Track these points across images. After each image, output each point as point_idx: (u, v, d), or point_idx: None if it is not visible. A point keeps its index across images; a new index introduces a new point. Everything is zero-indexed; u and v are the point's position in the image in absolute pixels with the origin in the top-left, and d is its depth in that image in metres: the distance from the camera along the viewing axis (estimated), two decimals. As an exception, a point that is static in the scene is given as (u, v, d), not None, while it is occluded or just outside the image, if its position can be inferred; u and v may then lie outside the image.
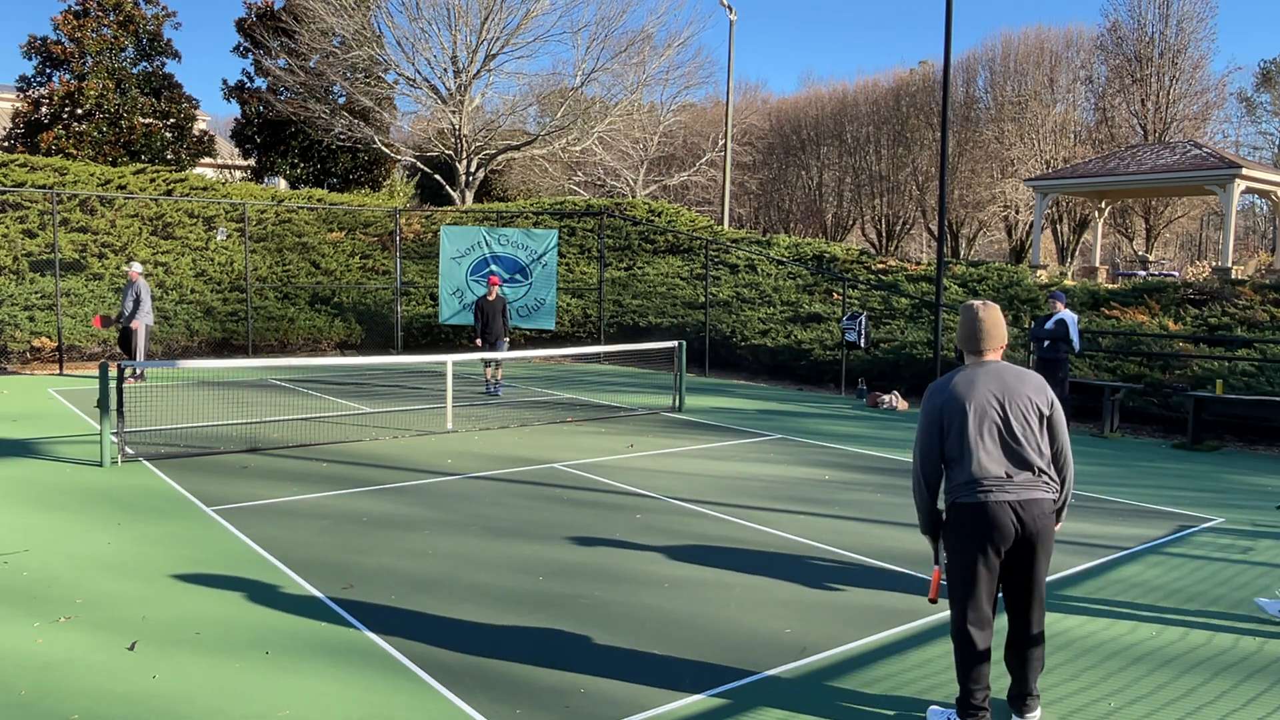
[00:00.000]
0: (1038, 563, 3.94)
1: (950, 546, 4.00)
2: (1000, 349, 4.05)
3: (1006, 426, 3.90)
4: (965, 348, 4.08)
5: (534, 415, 12.50)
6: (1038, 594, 4.00)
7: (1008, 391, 3.93)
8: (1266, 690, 4.52)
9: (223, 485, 8.21)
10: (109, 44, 30.00)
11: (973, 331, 4.04)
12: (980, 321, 4.03)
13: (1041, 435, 3.95)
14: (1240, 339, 13.47)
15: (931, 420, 4.00)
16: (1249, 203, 44.71)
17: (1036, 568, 3.95)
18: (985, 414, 3.91)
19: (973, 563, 3.91)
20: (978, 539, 3.88)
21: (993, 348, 4.03)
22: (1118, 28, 36.05)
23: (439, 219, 24.12)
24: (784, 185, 45.74)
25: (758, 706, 4.23)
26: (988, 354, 4.04)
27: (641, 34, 31.86)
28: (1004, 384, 3.94)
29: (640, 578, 5.94)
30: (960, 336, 4.08)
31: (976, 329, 4.03)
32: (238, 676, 4.43)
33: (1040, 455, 3.92)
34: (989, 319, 4.03)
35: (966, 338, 4.06)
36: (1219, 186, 21.87)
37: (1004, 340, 4.05)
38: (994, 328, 4.02)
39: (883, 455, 10.29)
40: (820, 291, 19.56)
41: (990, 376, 3.96)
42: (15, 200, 19.34)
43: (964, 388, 3.95)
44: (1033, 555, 3.92)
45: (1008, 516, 3.85)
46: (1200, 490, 8.97)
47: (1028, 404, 3.92)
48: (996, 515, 3.85)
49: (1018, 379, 3.96)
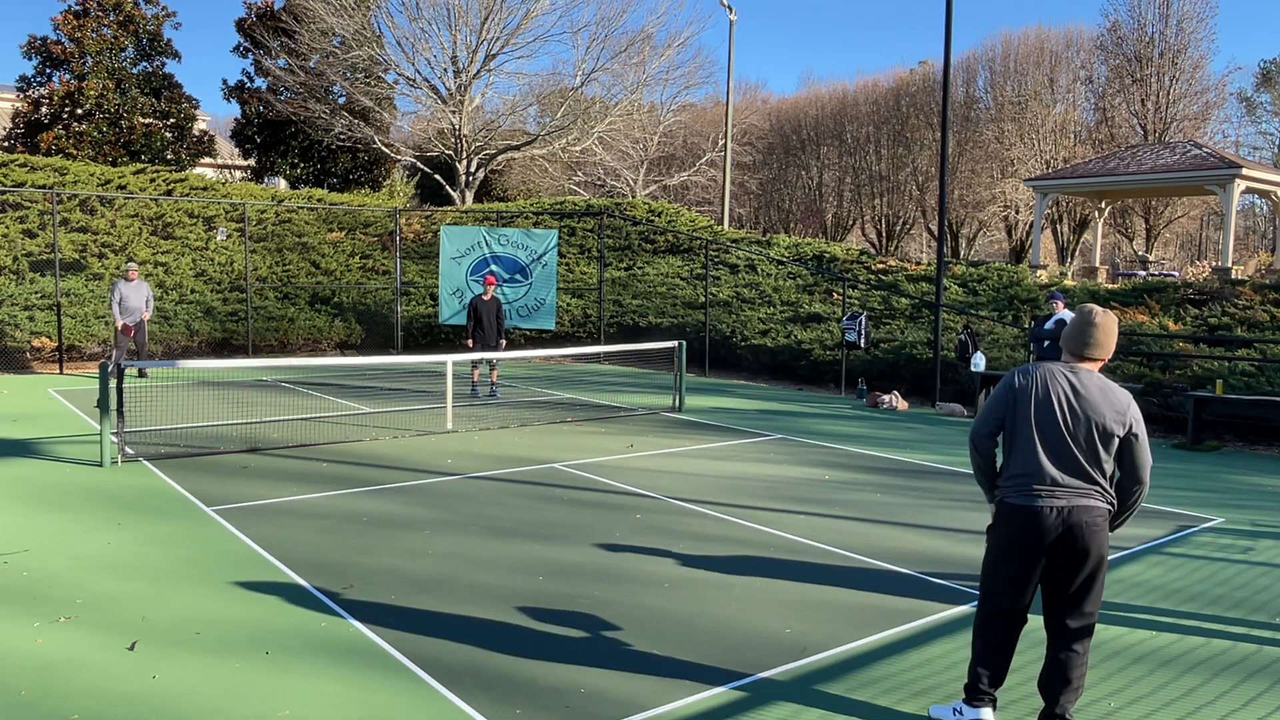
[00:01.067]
0: (1078, 576, 3.81)
1: (989, 531, 4.03)
2: (1101, 362, 3.94)
3: (1073, 436, 3.80)
4: (1068, 347, 3.95)
5: (534, 415, 12.50)
6: (1078, 611, 3.86)
7: (1090, 401, 3.81)
8: (1266, 690, 4.52)
9: (223, 485, 8.21)
10: (109, 44, 30.00)
11: (1083, 335, 3.91)
12: (1094, 328, 3.90)
13: (1108, 454, 3.81)
14: (1240, 339, 13.47)
15: (1003, 395, 3.96)
16: (1249, 203, 44.72)
17: (1076, 581, 3.82)
18: (1055, 414, 3.83)
19: (1004, 559, 3.90)
20: (1015, 537, 3.86)
21: (1096, 356, 3.91)
22: (1118, 28, 36.08)
23: (439, 219, 24.12)
24: (784, 185, 45.75)
25: (758, 706, 4.23)
26: (1086, 362, 3.93)
27: (641, 34, 31.89)
28: (1088, 393, 3.82)
29: (640, 578, 5.94)
30: (1067, 334, 3.94)
31: (1088, 334, 3.90)
32: (238, 676, 4.43)
33: (1099, 471, 3.81)
34: (1104, 327, 3.89)
35: (1073, 338, 3.92)
36: (1219, 186, 21.88)
37: (1109, 354, 3.94)
38: (1105, 338, 3.89)
39: (883, 455, 10.29)
40: (820, 291, 19.55)
41: (1078, 380, 3.86)
42: (15, 200, 19.35)
43: (1049, 381, 3.87)
44: (1076, 567, 3.80)
45: (1051, 522, 3.78)
46: (1200, 490, 8.97)
47: (1104, 421, 3.79)
48: (1040, 518, 3.79)
49: (1101, 392, 3.82)
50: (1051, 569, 3.87)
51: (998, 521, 3.97)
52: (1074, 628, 3.87)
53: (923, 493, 8.51)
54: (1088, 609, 3.86)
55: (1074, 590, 3.84)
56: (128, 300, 15.21)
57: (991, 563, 3.97)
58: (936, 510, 7.86)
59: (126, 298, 15.21)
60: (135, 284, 15.36)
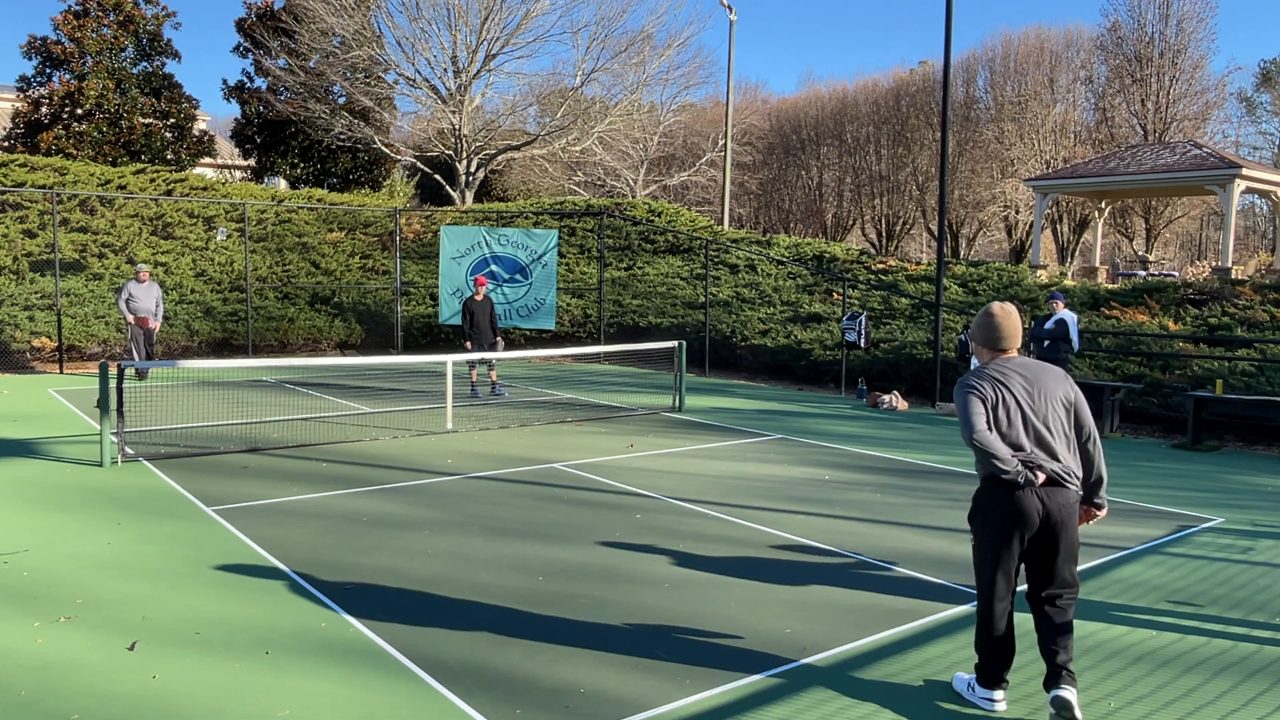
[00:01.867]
0: (1059, 552, 4.13)
1: (978, 523, 4.25)
2: (1016, 347, 4.32)
3: (1038, 415, 4.13)
4: (987, 345, 4.31)
5: (534, 415, 12.50)
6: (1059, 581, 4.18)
7: (1036, 382, 4.18)
8: (1266, 690, 4.52)
9: (223, 485, 8.21)
10: (109, 44, 30.00)
11: (992, 331, 4.30)
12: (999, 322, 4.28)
13: (1069, 424, 4.20)
14: (1240, 339, 13.47)
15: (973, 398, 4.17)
16: (1249, 203, 44.72)
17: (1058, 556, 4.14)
18: (1019, 401, 4.14)
19: (998, 541, 4.16)
20: (1005, 517, 4.11)
21: (1013, 345, 4.30)
22: (1118, 28, 36.08)
23: (439, 219, 24.12)
24: (784, 185, 45.74)
25: (758, 706, 4.23)
26: (1007, 352, 4.30)
27: (641, 34, 31.86)
28: (1032, 375, 4.20)
29: (640, 578, 5.94)
30: (982, 335, 4.31)
31: (995, 328, 4.29)
32: (238, 676, 4.43)
33: (1068, 445, 4.16)
34: (1007, 316, 4.29)
35: (986, 337, 4.30)
36: (1219, 186, 21.88)
37: (1019, 338, 4.32)
38: (1012, 325, 4.29)
39: (883, 455, 10.29)
40: (820, 291, 19.56)
41: (1018, 367, 4.22)
42: (15, 200, 19.35)
43: (998, 376, 4.20)
44: (1055, 544, 4.12)
45: (1033, 504, 4.06)
46: (1200, 490, 8.97)
47: (1054, 393, 4.18)
48: (1024, 500, 4.07)
49: (1042, 370, 4.23)
50: (1031, 549, 4.19)
51: (984, 503, 4.20)
52: (1060, 599, 4.21)
53: (922, 493, 8.51)
54: (1068, 577, 4.20)
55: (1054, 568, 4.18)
56: (136, 301, 15.06)
57: (985, 545, 4.23)
58: (936, 510, 7.86)
59: (135, 298, 15.04)
60: (146, 286, 15.19)
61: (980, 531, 4.24)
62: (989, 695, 4.26)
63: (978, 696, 4.29)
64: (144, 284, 15.20)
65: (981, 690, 4.28)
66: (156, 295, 15.37)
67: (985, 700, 4.26)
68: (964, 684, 4.38)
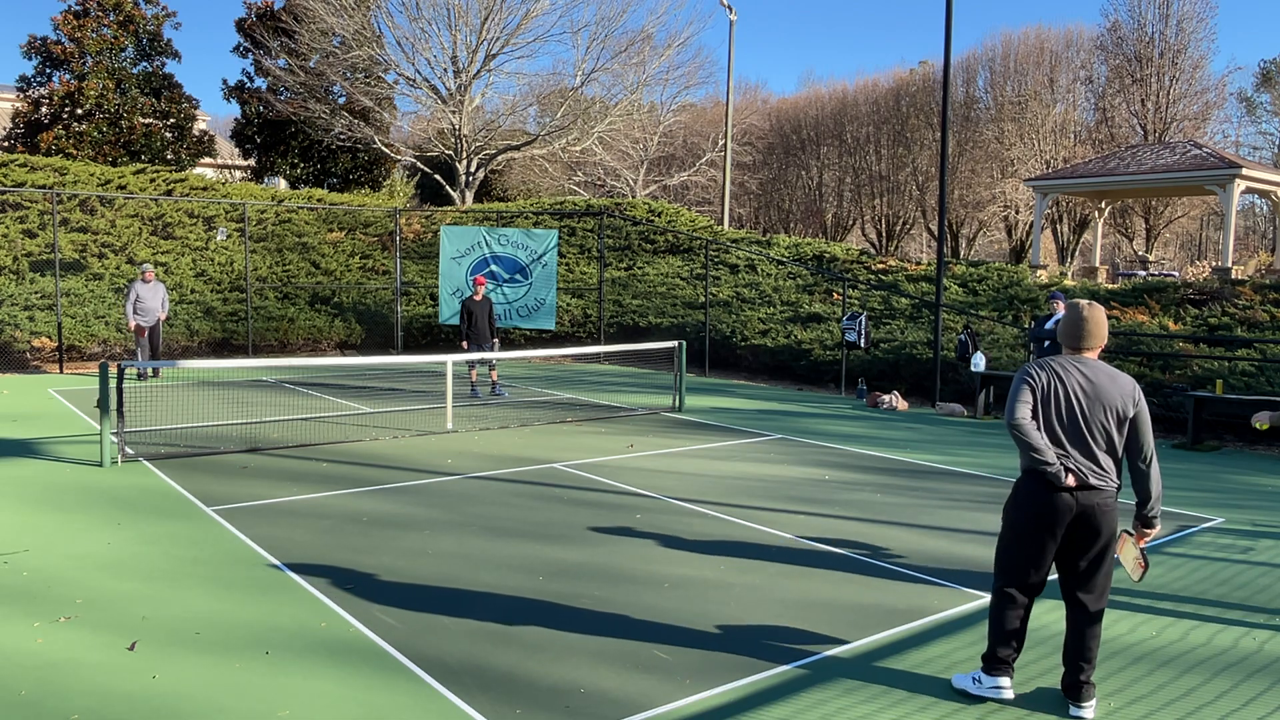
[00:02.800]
0: (1092, 550, 4.16)
1: (1008, 511, 4.29)
2: (1098, 349, 4.27)
3: (1083, 416, 4.12)
4: (1066, 343, 4.29)
5: (534, 415, 12.50)
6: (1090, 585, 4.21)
7: (1095, 384, 4.15)
8: (1266, 690, 4.52)
9: (223, 485, 8.21)
10: (109, 44, 29.99)
11: (1076, 329, 4.25)
12: (1085, 321, 4.24)
13: (1119, 435, 4.15)
14: (1240, 339, 13.47)
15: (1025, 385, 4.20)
16: (1249, 203, 44.71)
17: (1090, 554, 4.17)
18: (1070, 396, 4.13)
19: (1024, 533, 4.20)
20: (1036, 512, 4.15)
21: (1092, 346, 4.25)
22: (1118, 28, 36.08)
23: (439, 219, 24.12)
24: (784, 185, 45.73)
25: (758, 706, 4.23)
26: (1085, 351, 4.26)
27: (641, 34, 31.86)
28: (1094, 376, 4.17)
29: (640, 578, 5.94)
30: (1063, 331, 4.29)
31: (1081, 328, 4.24)
32: (238, 676, 4.43)
33: (1112, 456, 4.14)
34: (1093, 319, 4.23)
35: (1068, 333, 4.26)
36: (1219, 186, 21.88)
37: (1103, 342, 4.26)
38: (1097, 327, 4.23)
39: (883, 455, 10.29)
40: (820, 291, 19.56)
41: (1084, 366, 4.20)
42: (15, 200, 19.35)
43: (1057, 368, 4.19)
44: (1090, 542, 4.15)
45: (1066, 505, 4.10)
46: (1200, 490, 8.97)
47: (1110, 401, 4.13)
48: (1058, 501, 4.10)
49: (1109, 377, 4.18)
50: (1065, 545, 4.21)
51: (1018, 493, 4.23)
52: (1085, 600, 4.22)
53: (922, 493, 8.51)
54: (1099, 584, 4.22)
55: (1085, 568, 4.20)
56: (144, 301, 15.21)
57: (1012, 535, 4.26)
58: (936, 510, 7.86)
59: (142, 299, 15.21)
60: (152, 285, 15.36)
61: (1007, 521, 4.30)
62: (996, 683, 4.30)
63: (985, 687, 4.32)
64: (150, 284, 15.33)
65: (988, 679, 4.31)
66: (162, 294, 15.55)
67: (993, 689, 4.30)
68: (967, 680, 4.39)
